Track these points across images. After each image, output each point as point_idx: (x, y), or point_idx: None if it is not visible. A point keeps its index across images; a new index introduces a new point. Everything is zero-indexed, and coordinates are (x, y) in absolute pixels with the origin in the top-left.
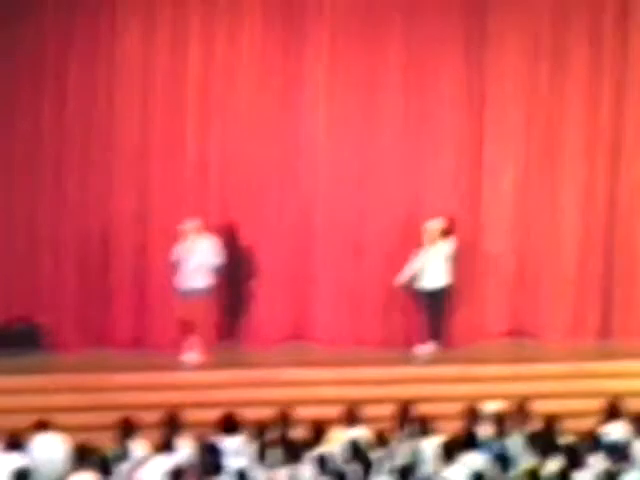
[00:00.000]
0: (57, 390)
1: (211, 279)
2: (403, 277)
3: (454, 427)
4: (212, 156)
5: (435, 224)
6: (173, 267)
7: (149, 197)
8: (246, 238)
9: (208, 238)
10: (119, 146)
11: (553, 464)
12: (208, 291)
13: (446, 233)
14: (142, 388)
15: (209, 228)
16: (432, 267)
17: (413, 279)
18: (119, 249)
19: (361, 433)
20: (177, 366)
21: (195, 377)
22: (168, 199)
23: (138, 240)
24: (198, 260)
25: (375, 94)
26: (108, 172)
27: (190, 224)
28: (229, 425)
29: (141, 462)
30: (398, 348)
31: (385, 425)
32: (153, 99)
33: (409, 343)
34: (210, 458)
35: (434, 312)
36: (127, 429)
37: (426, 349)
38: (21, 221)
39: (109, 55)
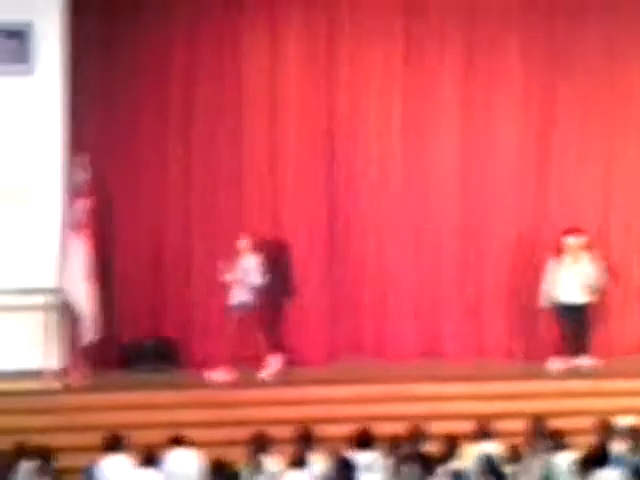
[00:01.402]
0: (190, 406)
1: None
2: (547, 293)
3: (588, 442)
4: (340, 168)
5: (577, 239)
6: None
7: (279, 213)
8: (377, 255)
9: (255, 256)
10: (247, 162)
11: None
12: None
13: (587, 247)
14: (273, 403)
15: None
16: (575, 282)
17: (551, 293)
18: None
19: (494, 448)
20: (308, 381)
21: (328, 392)
22: (297, 214)
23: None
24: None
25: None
26: (237, 188)
27: (243, 241)
28: (363, 440)
29: (275, 477)
30: (530, 361)
31: (518, 440)
32: (282, 113)
33: (539, 357)
34: (344, 473)
35: (578, 326)
36: (260, 444)
37: (564, 363)
38: (148, 237)
39: (235, 69)
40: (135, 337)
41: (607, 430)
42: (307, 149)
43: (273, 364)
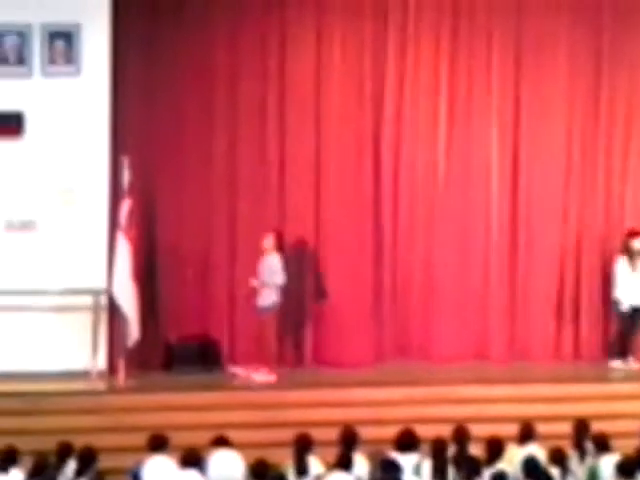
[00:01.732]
0: (233, 407)
1: (275, 297)
2: (621, 295)
3: (633, 445)
4: (386, 169)
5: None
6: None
7: (322, 215)
8: (423, 257)
9: (279, 255)
10: (291, 162)
11: None
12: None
13: None
14: (317, 405)
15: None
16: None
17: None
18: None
19: (538, 451)
20: (351, 383)
21: (370, 394)
22: (341, 217)
23: (314, 257)
24: (263, 278)
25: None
26: (282, 189)
27: (268, 241)
28: (406, 442)
29: (318, 479)
30: (577, 364)
31: (562, 443)
32: (327, 114)
33: (587, 359)
34: (389, 474)
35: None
36: (304, 445)
37: (624, 364)
38: (193, 237)
39: (279, 69)
40: (180, 338)
41: None
42: (352, 150)
43: (268, 371)
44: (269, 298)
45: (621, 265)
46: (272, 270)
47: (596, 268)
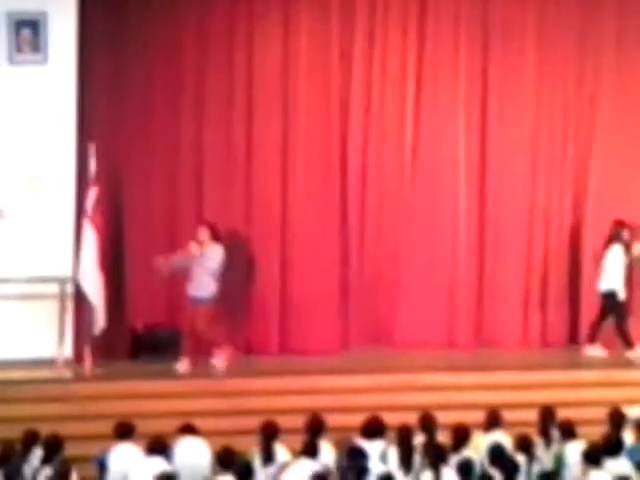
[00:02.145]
0: (199, 395)
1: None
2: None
3: (599, 433)
4: (351, 162)
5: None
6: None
7: (289, 204)
8: (390, 245)
9: (216, 246)
10: (259, 152)
11: None
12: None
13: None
14: (283, 392)
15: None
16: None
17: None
18: (262, 255)
19: (503, 438)
20: (317, 371)
21: (337, 382)
22: (308, 206)
23: (281, 246)
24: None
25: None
26: (248, 178)
27: (203, 233)
28: (373, 429)
29: (285, 466)
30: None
31: (529, 430)
32: (294, 103)
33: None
34: (356, 462)
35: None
36: (270, 433)
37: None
38: (160, 226)
39: (247, 59)
40: (147, 326)
41: (619, 420)
42: (319, 141)
43: (224, 355)
44: (207, 288)
45: (617, 255)
46: (213, 260)
47: (563, 257)
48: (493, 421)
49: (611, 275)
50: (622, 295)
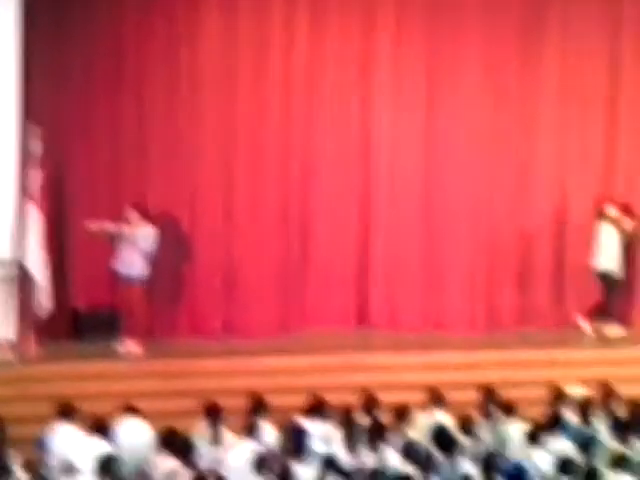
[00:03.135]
0: (141, 376)
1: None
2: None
3: (539, 412)
4: (294, 149)
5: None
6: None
7: (234, 190)
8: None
9: (147, 227)
10: (204, 139)
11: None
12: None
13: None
14: (225, 374)
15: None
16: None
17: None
18: (204, 239)
19: (444, 417)
20: (259, 352)
21: (279, 362)
22: (252, 192)
23: (224, 232)
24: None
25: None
26: (194, 164)
27: (132, 215)
28: (315, 408)
29: (226, 447)
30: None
31: (470, 410)
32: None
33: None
34: (297, 441)
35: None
36: (212, 414)
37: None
38: (103, 208)
39: (191, 45)
40: (89, 307)
41: (559, 400)
42: (263, 123)
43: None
44: (136, 268)
45: (610, 234)
46: (145, 241)
47: (511, 237)
48: (435, 401)
49: (607, 255)
50: (618, 273)
